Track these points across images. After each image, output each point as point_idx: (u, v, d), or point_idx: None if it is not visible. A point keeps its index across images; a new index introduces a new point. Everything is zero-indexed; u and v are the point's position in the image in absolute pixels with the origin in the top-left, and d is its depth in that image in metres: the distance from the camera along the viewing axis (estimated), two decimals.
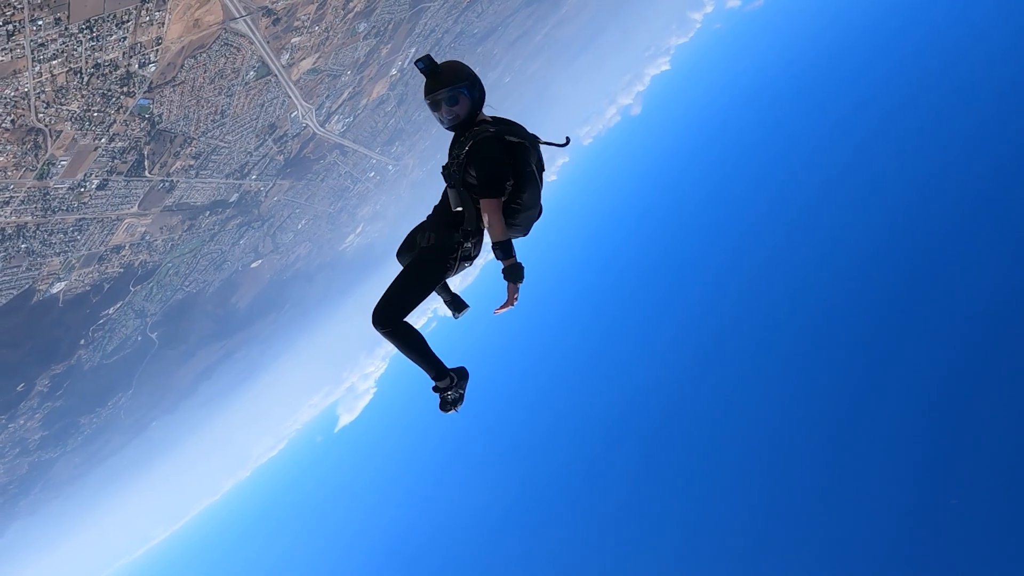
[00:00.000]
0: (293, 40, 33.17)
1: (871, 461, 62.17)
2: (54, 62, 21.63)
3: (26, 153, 23.36)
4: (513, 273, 4.36)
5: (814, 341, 77.39)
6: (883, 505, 58.47)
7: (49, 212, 27.11)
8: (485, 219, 4.41)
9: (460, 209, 4.57)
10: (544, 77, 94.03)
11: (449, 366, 4.72)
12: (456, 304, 5.17)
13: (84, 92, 23.64)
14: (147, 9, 23.33)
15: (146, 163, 29.97)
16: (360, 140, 52.81)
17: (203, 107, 30.77)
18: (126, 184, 30.00)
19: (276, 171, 44.02)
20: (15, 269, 28.44)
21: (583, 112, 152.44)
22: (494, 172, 4.39)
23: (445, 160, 4.75)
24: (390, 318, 4.36)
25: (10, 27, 19.59)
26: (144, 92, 26.24)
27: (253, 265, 55.13)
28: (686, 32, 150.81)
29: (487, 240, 4.66)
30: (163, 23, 24.54)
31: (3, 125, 21.75)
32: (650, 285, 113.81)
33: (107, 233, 32.19)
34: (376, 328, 4.36)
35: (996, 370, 57.36)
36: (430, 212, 4.92)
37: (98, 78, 23.71)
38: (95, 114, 24.78)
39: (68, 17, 20.91)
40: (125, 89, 25.19)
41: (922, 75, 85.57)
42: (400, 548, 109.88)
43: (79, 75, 22.93)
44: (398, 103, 53.35)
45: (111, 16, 22.09)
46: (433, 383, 4.68)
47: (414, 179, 75.55)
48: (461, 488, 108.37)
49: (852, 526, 59.40)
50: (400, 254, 5.05)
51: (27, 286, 30.36)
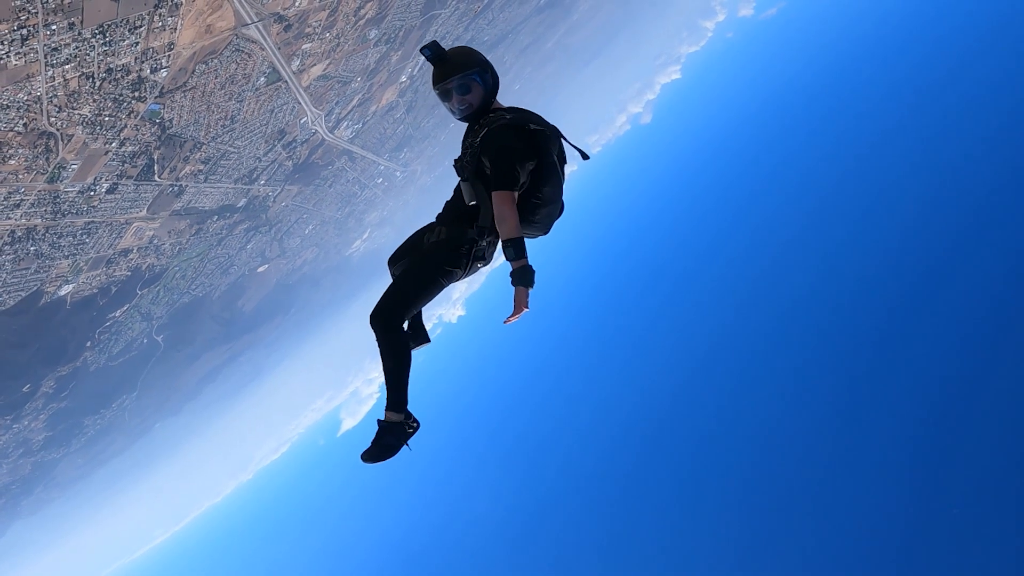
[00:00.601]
0: (304, 46, 33.29)
1: (874, 463, 62.16)
2: (67, 66, 21.73)
3: (37, 157, 23.46)
4: (523, 277, 3.86)
5: (821, 347, 77.33)
6: (885, 508, 58.46)
7: (59, 215, 27.22)
8: (496, 213, 3.95)
9: (475, 203, 4.20)
10: (554, 84, 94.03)
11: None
12: (417, 336, 4.74)
13: (96, 97, 23.74)
14: (160, 15, 23.43)
15: (156, 167, 30.07)
16: (369, 146, 52.92)
17: (213, 112, 30.86)
18: (135, 188, 30.10)
19: (284, 176, 44.12)
20: (24, 271, 28.54)
21: (593, 120, 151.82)
22: (510, 162, 3.98)
23: (454, 164, 4.42)
24: (389, 318, 4.12)
25: (24, 31, 19.68)
26: (155, 97, 26.34)
27: (260, 269, 55.20)
28: (697, 40, 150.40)
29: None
30: (175, 29, 24.64)
31: (15, 129, 21.85)
32: (659, 293, 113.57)
33: (115, 236, 32.29)
34: (372, 328, 4.11)
35: (997, 373, 57.34)
36: (439, 212, 4.55)
37: (110, 83, 23.82)
38: (106, 118, 24.88)
39: (81, 22, 21.01)
40: (136, 94, 25.29)
41: (937, 85, 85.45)
42: (401, 552, 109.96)
43: (91, 80, 23.04)
44: (407, 110, 53.47)
45: (124, 21, 22.18)
46: (384, 415, 4.25)
47: (422, 185, 75.69)
48: (463, 493, 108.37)
49: (853, 527, 59.37)
50: (394, 260, 4.60)
51: (35, 288, 30.47)
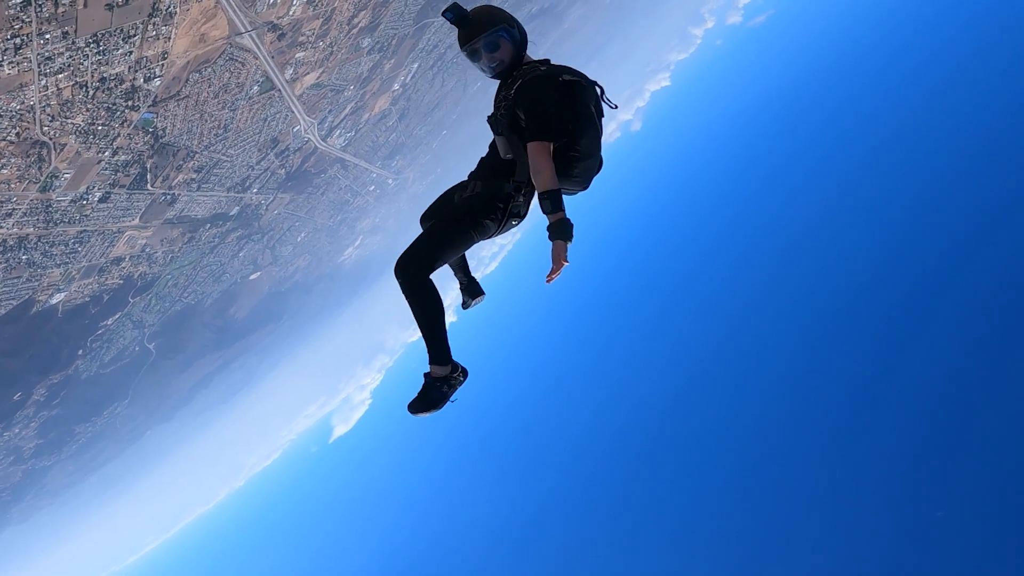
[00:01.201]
0: (298, 55, 33.33)
1: (876, 463, 62.34)
2: (60, 76, 21.70)
3: (30, 166, 23.43)
4: (560, 230, 3.65)
5: (811, 355, 77.62)
6: (886, 508, 58.61)
7: (51, 224, 27.15)
8: (532, 165, 3.77)
9: (510, 157, 4.06)
10: None
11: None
12: (471, 289, 4.65)
13: (89, 106, 23.73)
14: (154, 24, 23.42)
15: (149, 176, 30.05)
16: (361, 154, 52.96)
17: (206, 121, 30.87)
18: (128, 197, 30.07)
19: (277, 184, 44.11)
20: (15, 280, 28.46)
21: None
22: (545, 112, 3.84)
23: (488, 120, 4.27)
24: (416, 270, 3.78)
25: (18, 40, 19.66)
26: (148, 106, 26.34)
27: (252, 277, 55.14)
28: (687, 48, 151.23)
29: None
30: (169, 38, 24.64)
31: (8, 138, 21.81)
32: (649, 300, 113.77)
33: (108, 245, 32.25)
34: (396, 278, 3.79)
35: (997, 376, 57.58)
36: (473, 170, 4.40)
37: (103, 92, 23.80)
38: (99, 127, 24.86)
39: (75, 31, 20.99)
40: (130, 103, 25.29)
41: (926, 91, 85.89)
42: (393, 559, 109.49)
43: (84, 89, 23.02)
44: (400, 117, 53.51)
45: (118, 30, 22.17)
46: (428, 368, 3.92)
47: (414, 192, 75.71)
48: (455, 499, 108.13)
49: (855, 529, 59.45)
50: (426, 218, 4.46)
51: (27, 296, 30.38)
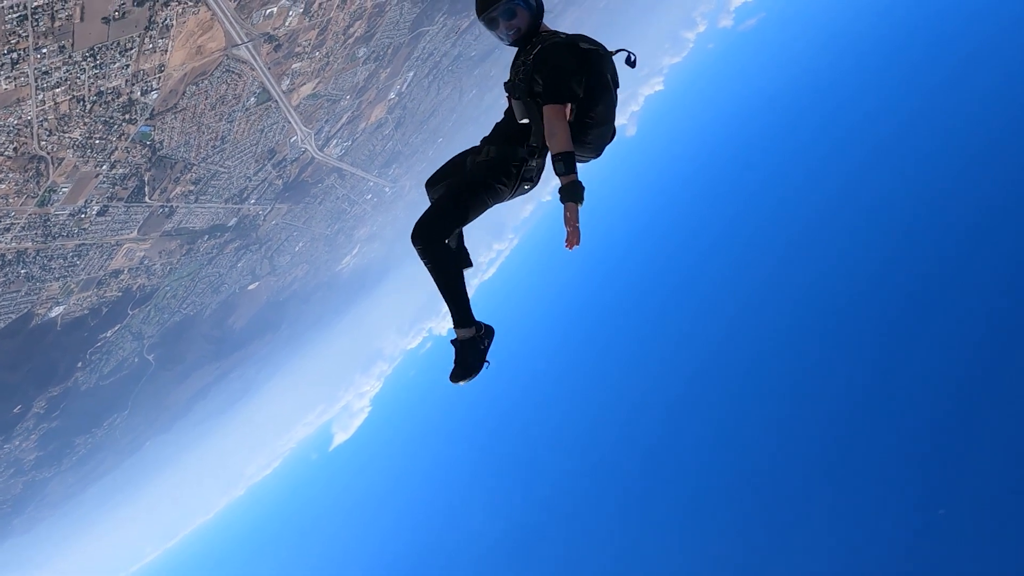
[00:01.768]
0: (294, 66, 33.42)
1: (881, 462, 62.41)
2: (57, 90, 21.73)
3: (28, 181, 23.44)
4: (572, 191, 3.67)
5: (810, 355, 77.82)
6: (889, 508, 58.64)
7: (49, 238, 27.17)
8: (547, 127, 3.82)
9: (526, 122, 4.11)
10: None
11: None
12: (460, 259, 4.46)
13: (86, 120, 23.76)
14: (150, 37, 23.46)
15: (146, 189, 30.08)
16: (358, 163, 53.04)
17: (204, 133, 30.91)
18: (126, 210, 30.10)
19: (275, 195, 44.17)
20: (14, 294, 28.46)
21: None
22: (563, 76, 3.90)
23: (504, 85, 4.32)
24: (431, 234, 3.88)
25: (14, 55, 19.70)
26: (146, 119, 26.37)
27: (250, 287, 55.16)
28: (679, 52, 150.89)
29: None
30: (166, 51, 24.68)
31: (5, 153, 21.83)
32: (645, 305, 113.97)
33: (106, 258, 32.26)
34: (413, 243, 3.89)
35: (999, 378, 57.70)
36: (485, 136, 4.42)
37: (100, 106, 23.84)
38: (97, 141, 24.89)
39: (72, 45, 21.01)
40: (127, 116, 25.32)
41: (920, 92, 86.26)
42: (394, 566, 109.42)
43: (82, 103, 23.05)
44: (396, 126, 53.64)
45: (115, 44, 22.21)
46: (454, 333, 3.97)
47: (411, 200, 75.76)
48: (456, 506, 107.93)
49: (859, 526, 59.48)
50: (433, 183, 4.49)
51: (26, 310, 30.39)
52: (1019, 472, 50.86)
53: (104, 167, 26.39)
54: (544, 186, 4.67)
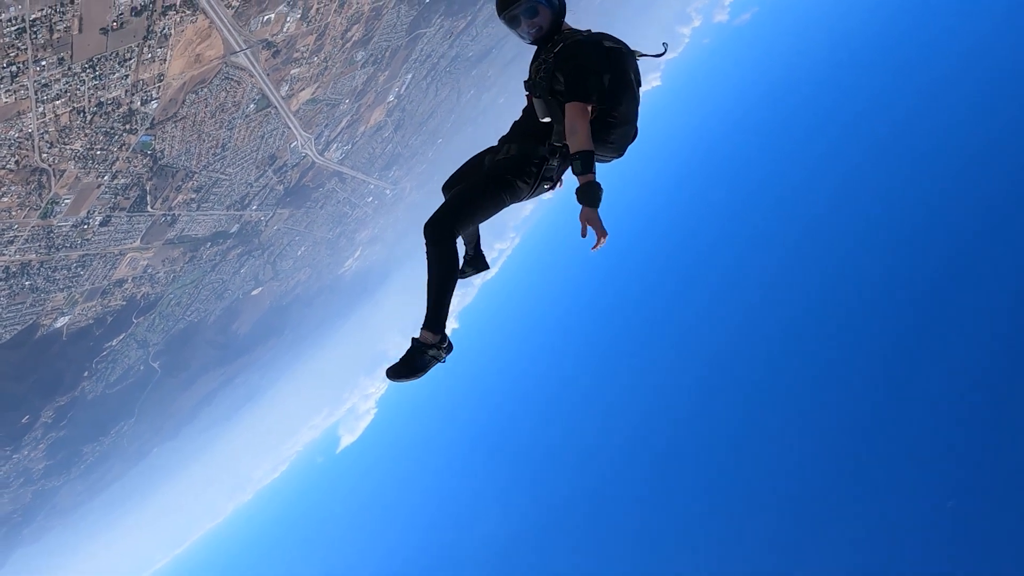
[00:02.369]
0: (293, 71, 33.43)
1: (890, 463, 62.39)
2: (57, 102, 21.77)
3: (30, 193, 23.50)
4: (588, 193, 3.61)
5: (806, 356, 77.86)
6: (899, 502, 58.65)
7: (53, 250, 27.24)
8: (568, 125, 3.72)
9: (548, 120, 4.02)
10: None
11: None
12: (476, 263, 4.58)
13: (87, 131, 23.80)
14: (149, 46, 23.48)
15: (148, 198, 30.13)
16: (358, 166, 53.09)
17: (204, 141, 30.94)
18: (129, 219, 30.16)
19: (276, 201, 44.22)
20: (19, 305, 28.53)
21: None
22: (585, 74, 3.81)
23: (524, 83, 4.25)
24: (444, 231, 3.78)
25: (14, 68, 19.72)
26: (146, 129, 26.40)
27: (254, 293, 55.26)
28: (675, 47, 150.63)
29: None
30: (165, 60, 24.71)
31: (7, 166, 21.88)
32: (648, 302, 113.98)
33: (110, 268, 32.32)
34: (424, 237, 3.78)
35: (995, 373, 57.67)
36: (503, 134, 4.34)
37: (101, 117, 23.87)
38: (98, 152, 24.93)
39: (71, 56, 21.04)
40: (127, 126, 25.36)
41: (917, 84, 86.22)
42: (403, 568, 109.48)
43: (82, 114, 23.09)
44: (395, 128, 53.67)
45: (114, 54, 22.23)
46: (420, 332, 3.83)
47: (412, 202, 75.85)
48: (464, 507, 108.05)
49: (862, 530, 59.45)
50: (450, 185, 4.41)
51: (31, 321, 30.46)
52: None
53: (106, 178, 26.44)
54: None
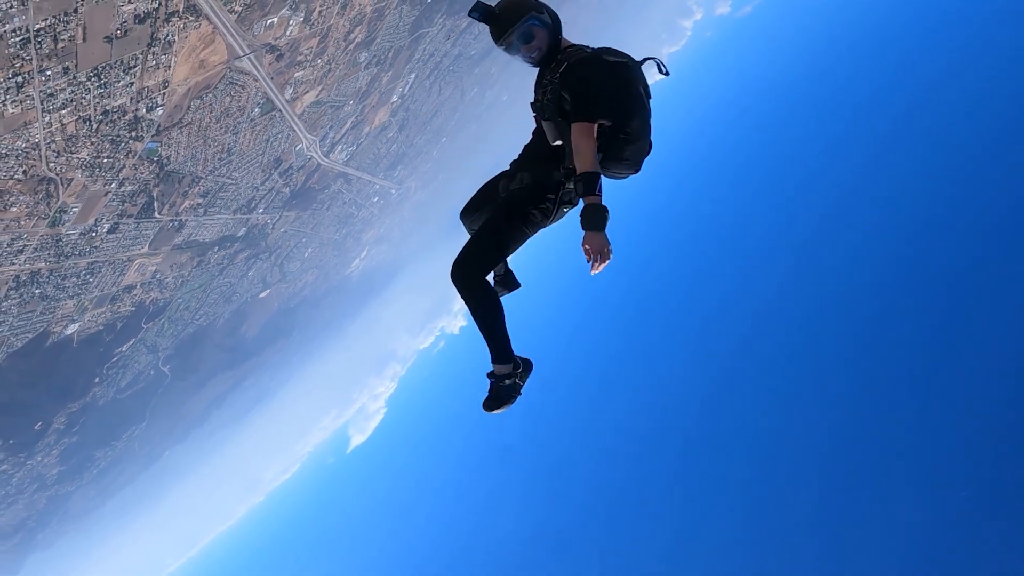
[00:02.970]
0: (296, 74, 33.48)
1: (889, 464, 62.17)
2: (63, 111, 21.82)
3: (38, 202, 23.59)
4: (593, 217, 3.53)
5: (804, 357, 77.87)
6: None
7: (62, 258, 27.36)
8: (574, 144, 3.64)
9: (559, 143, 3.92)
10: None
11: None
12: (507, 281, 4.51)
13: (93, 139, 23.87)
14: (153, 53, 23.52)
15: (155, 204, 30.24)
16: (363, 167, 53.17)
17: (210, 146, 31.02)
18: (136, 226, 30.27)
19: (282, 203, 44.31)
20: (30, 313, 28.68)
21: None
22: (591, 92, 3.71)
23: (531, 105, 4.17)
24: (470, 272, 3.71)
25: (19, 79, 19.76)
26: (152, 135, 26.47)
27: (261, 295, 55.42)
28: (677, 41, 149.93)
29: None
30: (169, 66, 24.76)
31: (15, 176, 21.96)
32: (652, 301, 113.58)
33: (119, 274, 32.45)
34: (453, 282, 3.70)
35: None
36: (514, 159, 4.29)
37: (107, 124, 23.93)
38: (105, 160, 25.00)
39: (76, 66, 21.07)
40: (133, 134, 25.43)
41: (918, 78, 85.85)
42: (416, 567, 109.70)
43: (88, 123, 23.16)
44: (400, 128, 53.71)
45: (118, 62, 22.27)
46: (492, 366, 3.82)
47: (417, 201, 76.00)
48: (475, 505, 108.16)
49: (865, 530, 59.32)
50: (467, 212, 4.35)
51: (42, 329, 30.61)
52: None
53: (113, 185, 26.53)
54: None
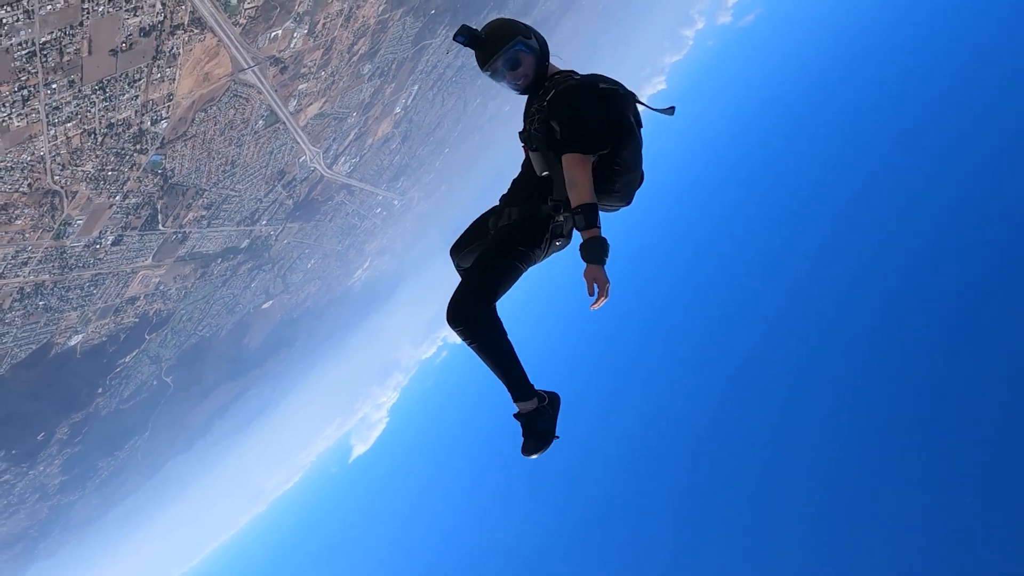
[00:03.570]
0: (300, 87, 33.60)
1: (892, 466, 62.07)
2: (68, 124, 21.92)
3: (43, 215, 23.67)
4: (593, 250, 3.43)
5: (803, 358, 77.86)
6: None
7: (66, 270, 27.43)
8: (567, 177, 3.49)
9: (547, 174, 3.76)
10: None
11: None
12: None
13: (98, 152, 23.96)
14: (158, 66, 23.64)
15: (159, 217, 30.32)
16: (366, 178, 53.27)
17: (214, 159, 31.12)
18: (140, 238, 30.35)
19: (286, 215, 44.40)
20: (33, 325, 28.74)
21: None
22: (581, 122, 3.58)
23: (519, 135, 3.97)
24: (467, 316, 3.44)
25: (25, 92, 19.85)
26: (157, 148, 26.56)
27: (264, 306, 55.47)
28: (679, 50, 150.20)
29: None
30: (174, 79, 24.88)
31: (20, 189, 22.04)
32: (646, 298, 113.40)
33: (122, 286, 32.52)
34: (451, 326, 3.46)
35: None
36: (504, 193, 4.10)
37: (112, 137, 24.04)
38: (109, 173, 25.10)
39: (81, 79, 21.18)
40: (138, 146, 25.52)
41: (921, 85, 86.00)
42: (417, 574, 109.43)
43: (93, 136, 23.26)
44: (403, 139, 53.87)
45: (123, 76, 22.38)
46: (515, 408, 3.62)
47: (420, 212, 76.11)
48: (477, 513, 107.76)
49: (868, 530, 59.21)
50: (458, 248, 4.15)
51: (45, 340, 30.69)
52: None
53: (117, 198, 26.61)
54: None
